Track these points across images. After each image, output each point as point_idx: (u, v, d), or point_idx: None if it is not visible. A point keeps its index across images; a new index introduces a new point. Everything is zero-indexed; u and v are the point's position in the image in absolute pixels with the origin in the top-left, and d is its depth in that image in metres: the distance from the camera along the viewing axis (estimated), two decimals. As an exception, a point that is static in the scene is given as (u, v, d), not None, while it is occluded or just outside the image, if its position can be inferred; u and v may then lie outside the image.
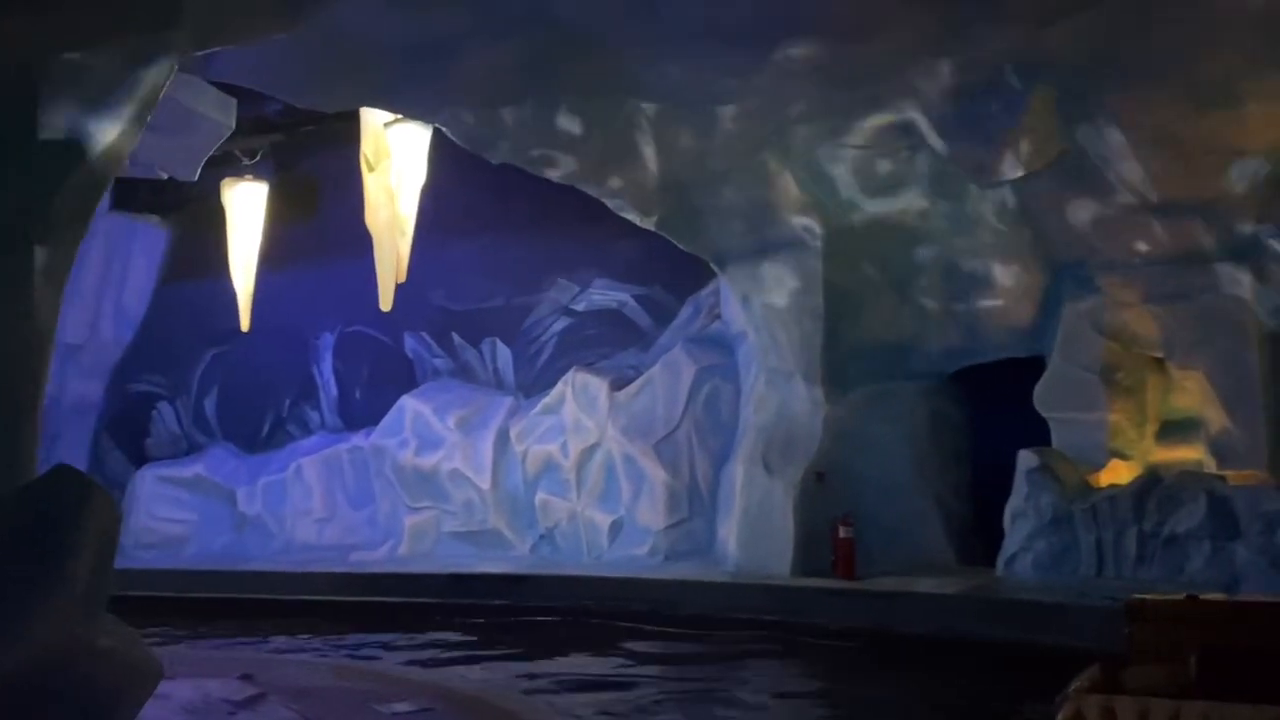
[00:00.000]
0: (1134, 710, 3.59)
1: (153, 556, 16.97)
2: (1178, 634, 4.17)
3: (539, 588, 12.68)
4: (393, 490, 16.06)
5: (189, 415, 19.00)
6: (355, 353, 17.83)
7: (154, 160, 10.14)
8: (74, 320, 18.65)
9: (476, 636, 10.89)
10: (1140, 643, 4.34)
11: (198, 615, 12.74)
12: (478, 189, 16.78)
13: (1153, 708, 3.59)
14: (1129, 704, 3.64)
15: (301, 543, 16.61)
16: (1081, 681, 4.00)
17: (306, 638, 11.16)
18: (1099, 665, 4.15)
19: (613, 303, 16.17)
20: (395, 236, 11.47)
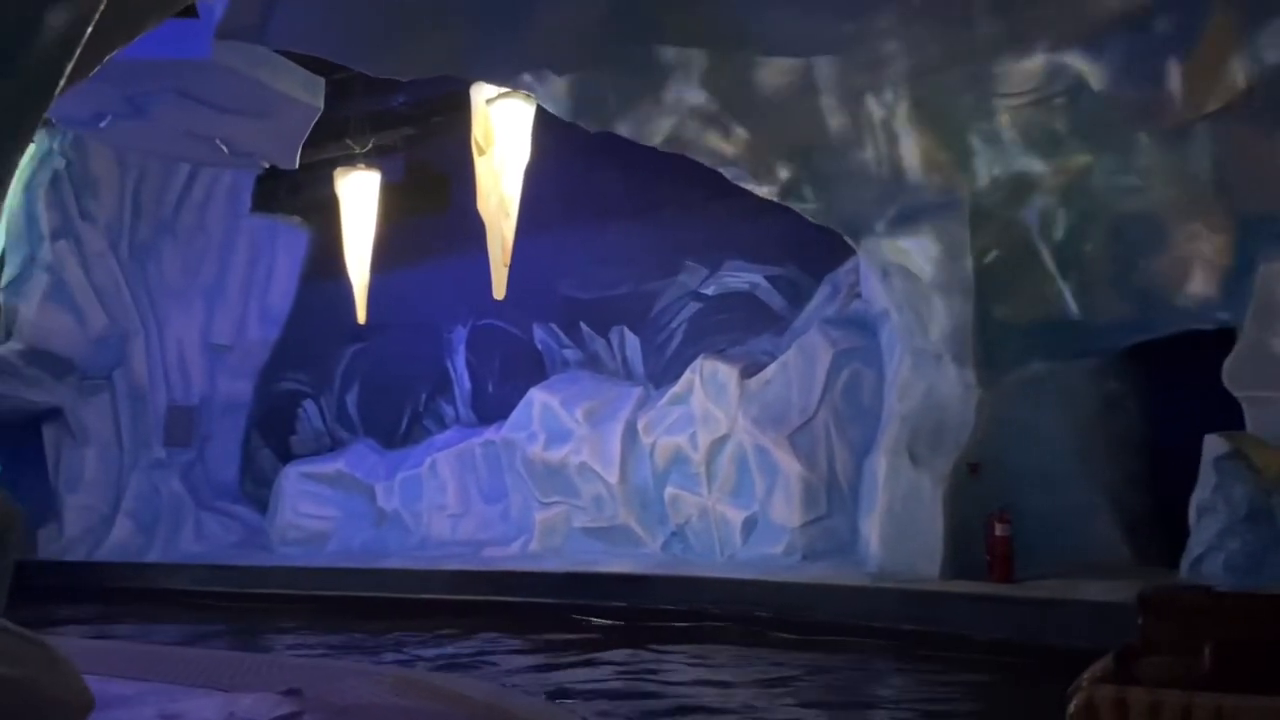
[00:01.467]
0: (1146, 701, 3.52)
1: (297, 553, 17.16)
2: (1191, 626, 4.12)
3: (658, 589, 11.90)
4: (524, 485, 15.61)
5: (332, 412, 19.18)
6: (487, 345, 17.53)
7: (252, 148, 9.96)
8: (222, 322, 19.16)
9: (588, 639, 10.21)
10: (1153, 635, 4.28)
11: (312, 613, 12.59)
12: (603, 175, 16.20)
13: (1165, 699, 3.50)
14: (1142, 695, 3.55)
15: (437, 538, 16.41)
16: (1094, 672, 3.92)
17: (420, 637, 10.77)
18: (1112, 656, 4.09)
19: (744, 285, 15.22)
20: (500, 219, 10.90)
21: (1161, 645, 4.16)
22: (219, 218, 19.01)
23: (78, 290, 17.62)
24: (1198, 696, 3.54)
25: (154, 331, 18.76)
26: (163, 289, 18.81)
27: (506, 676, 8.35)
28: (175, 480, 18.85)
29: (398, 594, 13.50)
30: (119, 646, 7.69)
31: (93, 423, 18.52)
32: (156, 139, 9.67)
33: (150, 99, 8.74)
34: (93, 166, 17.63)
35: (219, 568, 15.97)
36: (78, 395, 18.33)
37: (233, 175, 18.99)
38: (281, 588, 14.71)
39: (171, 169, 18.55)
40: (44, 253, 17.21)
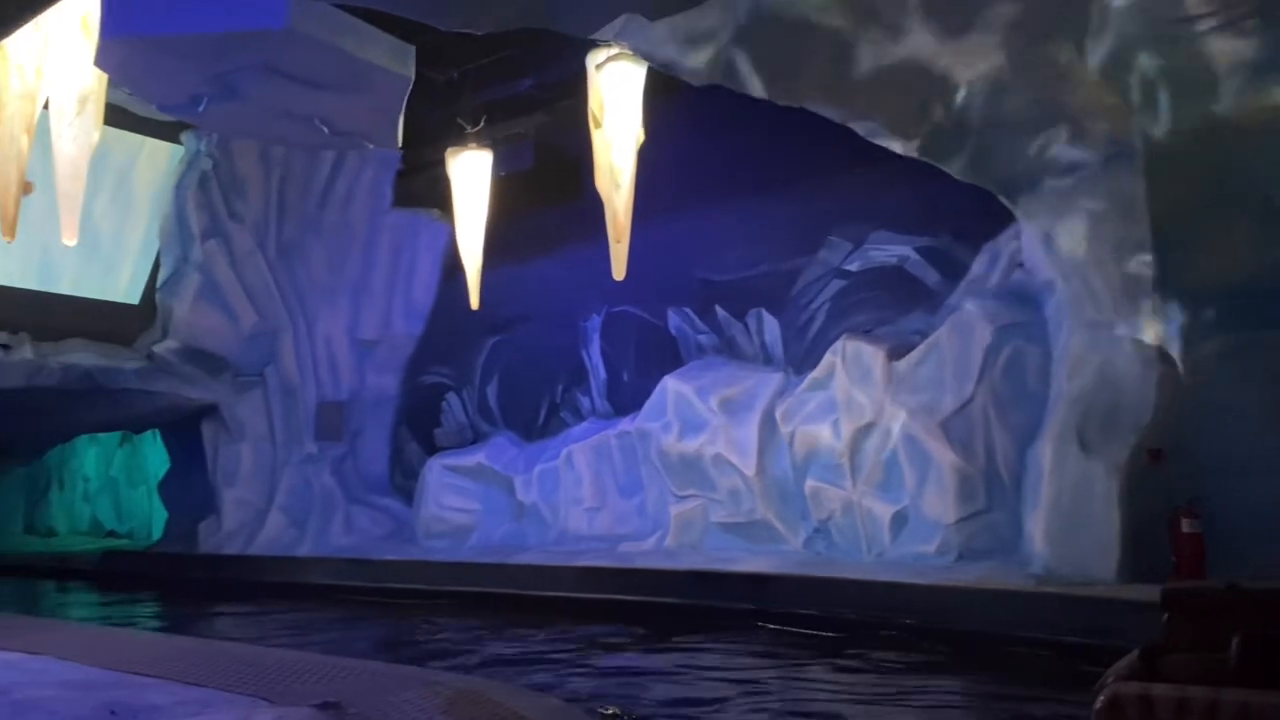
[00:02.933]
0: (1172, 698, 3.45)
1: (441, 546, 17.02)
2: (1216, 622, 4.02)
3: (789, 590, 10.90)
4: (659, 477, 14.87)
5: (473, 404, 18.98)
6: (621, 333, 16.88)
7: (350, 126, 9.58)
8: (368, 318, 19.26)
9: (704, 645, 9.36)
10: (1178, 631, 4.21)
11: (436, 608, 12.23)
12: (736, 147, 15.29)
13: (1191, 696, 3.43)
14: (1167, 691, 3.49)
15: (574, 532, 15.89)
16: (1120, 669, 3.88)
17: (531, 635, 10.18)
18: (1138, 653, 4.03)
19: (892, 258, 13.96)
20: (611, 192, 10.19)
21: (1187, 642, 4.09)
22: (362, 213, 19.11)
23: (228, 289, 18.02)
24: (1224, 693, 3.42)
25: (303, 328, 19.04)
26: (310, 286, 19.06)
27: (602, 686, 7.63)
28: (326, 474, 19.09)
29: (524, 590, 13.03)
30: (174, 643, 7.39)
31: (247, 419, 18.95)
32: (255, 121, 9.43)
33: (239, 77, 8.46)
34: (238, 166, 17.99)
35: (356, 561, 15.95)
36: (232, 392, 18.78)
37: (373, 170, 19.07)
38: (411, 582, 14.52)
39: (314, 167, 18.76)
40: (195, 253, 17.66)
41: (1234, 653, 3.73)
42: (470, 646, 10.26)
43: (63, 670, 6.17)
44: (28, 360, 16.19)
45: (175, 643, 7.65)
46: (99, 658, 6.69)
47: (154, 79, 8.56)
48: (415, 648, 10.70)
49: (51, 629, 8.62)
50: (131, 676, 5.98)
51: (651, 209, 15.78)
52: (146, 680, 5.84)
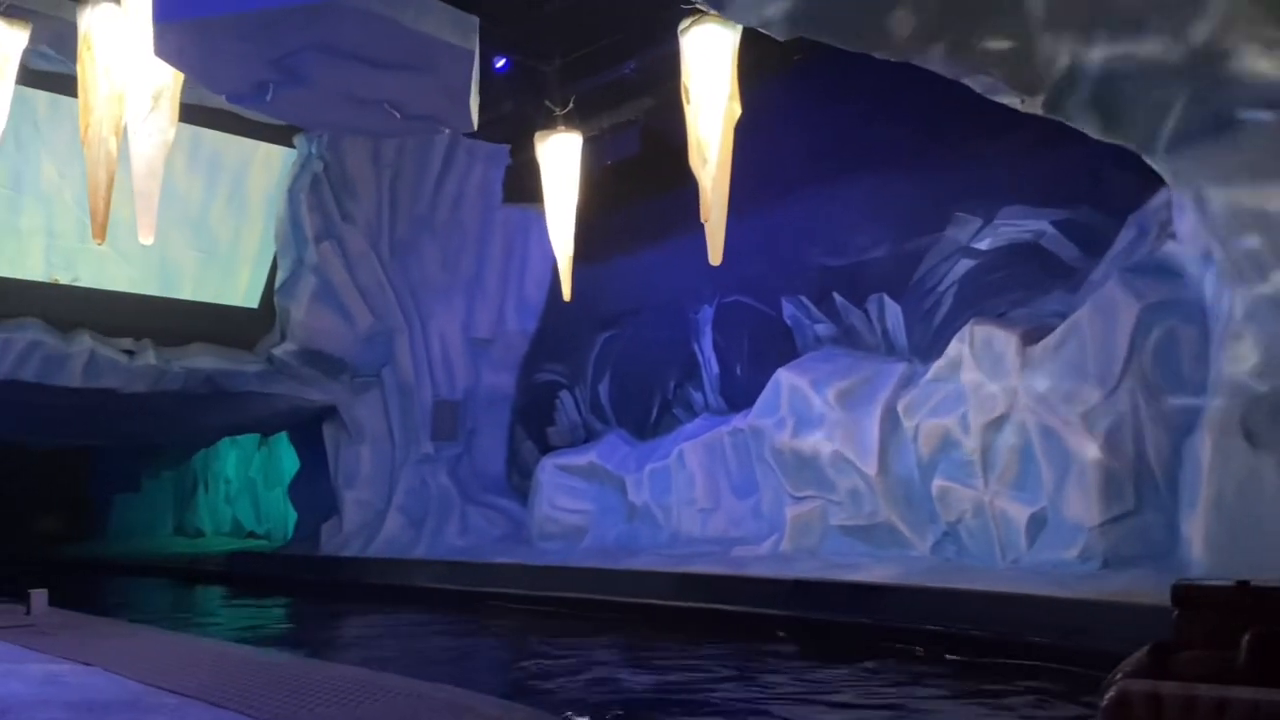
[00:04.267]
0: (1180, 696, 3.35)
1: (555, 548, 16.58)
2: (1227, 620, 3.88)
3: (904, 603, 9.87)
4: (774, 477, 13.98)
5: (586, 402, 18.48)
6: (734, 325, 16.03)
7: (422, 109, 9.09)
8: (481, 316, 19.02)
9: (801, 666, 8.47)
10: (1188, 629, 4.08)
11: (526, 614, 11.68)
12: (852, 124, 14.28)
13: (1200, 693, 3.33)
14: (1176, 689, 3.38)
15: (686, 535, 15.15)
16: (1128, 667, 3.79)
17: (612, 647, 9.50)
18: (1147, 650, 3.92)
19: (1026, 234, 12.69)
20: (698, 167, 9.41)
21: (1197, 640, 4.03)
22: (473, 211, 18.87)
23: (343, 290, 18.02)
24: (1232, 691, 3.36)
25: (417, 328, 18.92)
26: (424, 285, 18.93)
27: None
28: (443, 474, 18.93)
29: (616, 597, 12.37)
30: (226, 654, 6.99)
31: (366, 419, 18.96)
32: (324, 108, 9.04)
33: (299, 61, 8.07)
34: (349, 167, 17.97)
35: (455, 564, 15.64)
36: (350, 393, 18.82)
37: (483, 166, 18.81)
38: (505, 586, 14.09)
39: (424, 165, 18.61)
40: (310, 255, 17.72)
41: (1244, 651, 3.66)
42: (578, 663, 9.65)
43: (93, 686, 5.82)
44: (151, 365, 16.52)
45: (227, 654, 7.29)
46: (143, 670, 6.35)
47: (214, 66, 8.25)
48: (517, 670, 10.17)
49: (125, 635, 8.45)
50: (158, 694, 5.58)
51: (763, 192, 14.94)
52: (168, 700, 5.41)
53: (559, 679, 8.79)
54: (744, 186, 13.76)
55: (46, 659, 6.91)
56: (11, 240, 15.46)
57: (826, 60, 14.30)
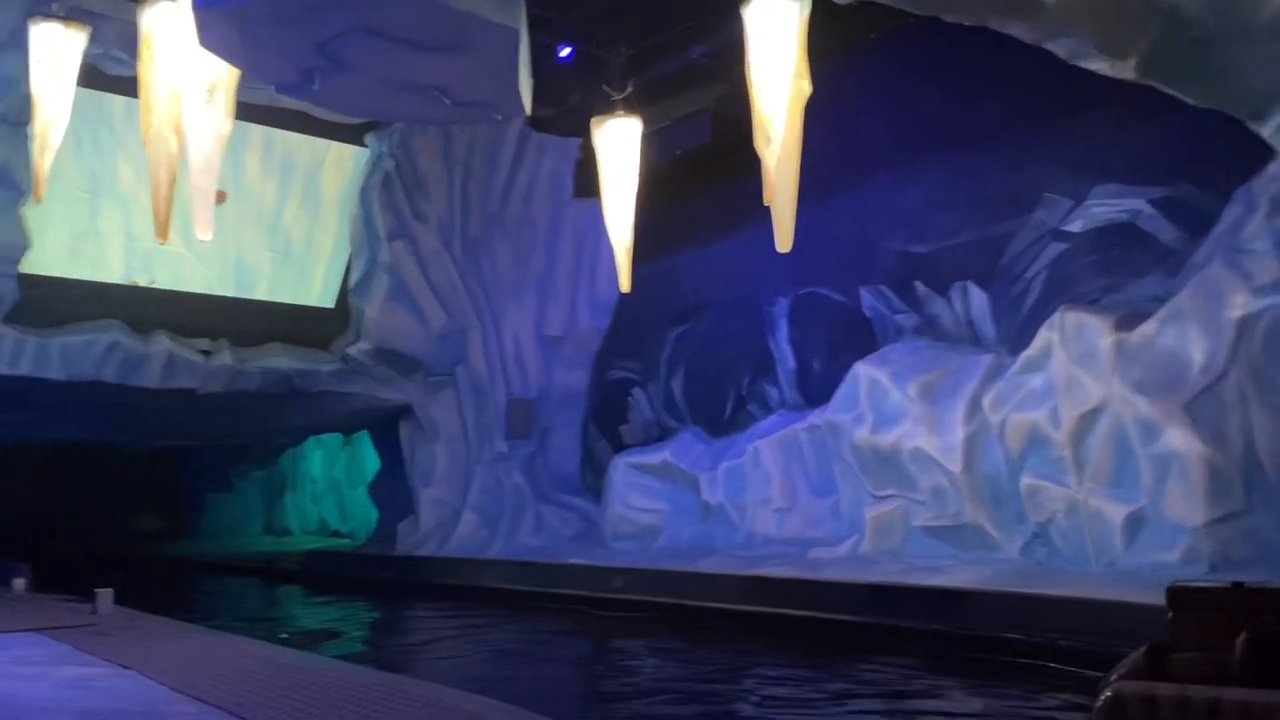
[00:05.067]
0: (1175, 696, 3.37)
1: (628, 548, 16.22)
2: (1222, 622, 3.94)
3: (987, 609, 9.20)
4: (853, 475, 13.37)
5: (659, 399, 18.08)
6: (811, 317, 15.44)
7: (472, 95, 8.78)
8: (554, 313, 18.76)
9: (875, 674, 7.91)
10: (1184, 630, 4.14)
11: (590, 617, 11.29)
12: (932, 104, 13.61)
13: (1193, 694, 3.35)
14: (1170, 690, 3.40)
15: (762, 535, 14.62)
16: (1124, 668, 3.83)
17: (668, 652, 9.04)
18: (1143, 652, 3.98)
19: (1121, 214, 11.87)
20: (762, 146, 8.91)
21: (1191, 641, 4.03)
22: (543, 206, 18.63)
23: (416, 289, 17.94)
24: (1226, 692, 3.32)
25: (490, 326, 18.76)
26: (496, 283, 18.76)
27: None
28: (517, 473, 18.72)
29: (684, 600, 11.92)
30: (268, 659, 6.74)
31: (440, 418, 18.87)
32: (372, 95, 8.79)
33: (342, 45, 7.82)
34: (421, 166, 17.89)
35: (525, 565, 15.36)
36: (425, 392, 18.74)
37: (553, 161, 18.56)
38: (572, 587, 13.73)
39: (494, 162, 18.44)
40: (383, 254, 17.67)
41: (1239, 652, 3.67)
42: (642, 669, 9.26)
43: (118, 691, 5.64)
44: (227, 365, 16.64)
45: (268, 659, 7.06)
46: (177, 675, 6.16)
47: (257, 55, 8.07)
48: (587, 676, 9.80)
49: (178, 637, 8.33)
50: (180, 702, 5.36)
51: (840, 177, 14.36)
52: (188, 709, 5.17)
53: (639, 696, 8.38)
54: (820, 171, 13.21)
55: (88, 661, 6.78)
56: (91, 243, 15.71)
57: (905, 38, 13.70)
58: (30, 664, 6.36)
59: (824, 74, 10.83)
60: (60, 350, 15.23)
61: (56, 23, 9.83)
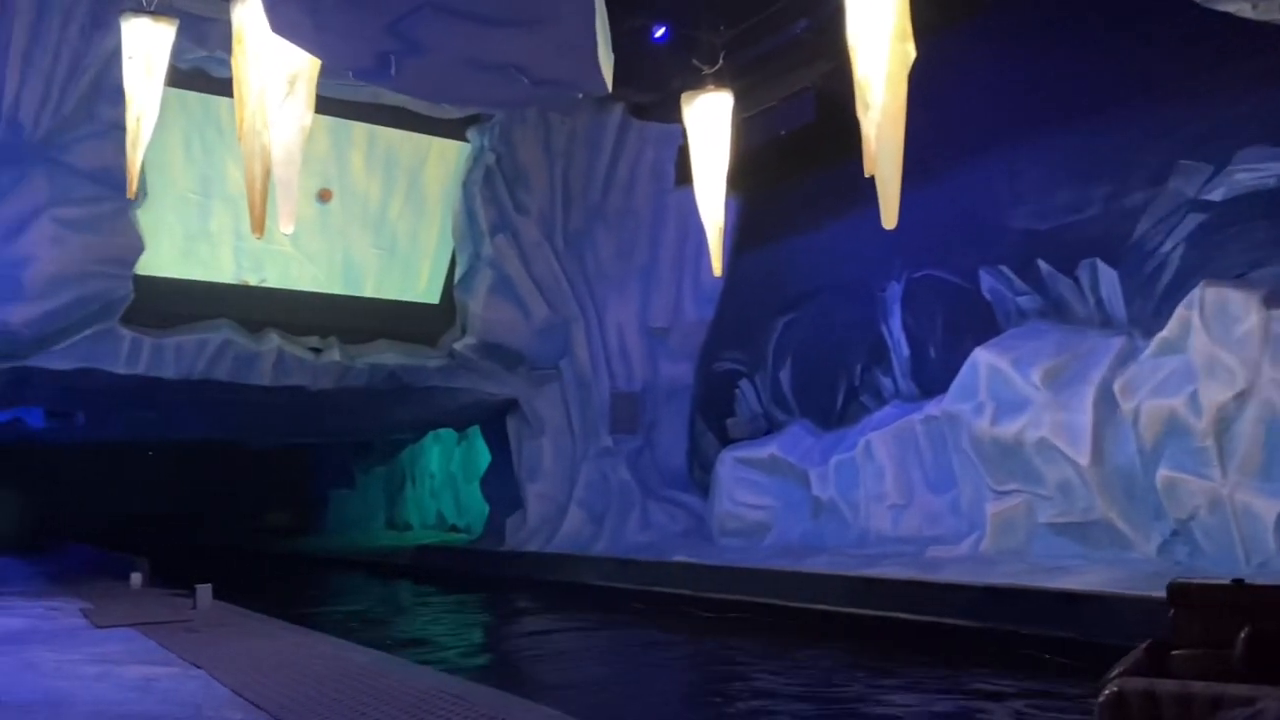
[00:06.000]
0: (1176, 693, 3.38)
1: (736, 545, 15.73)
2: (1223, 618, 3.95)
3: (1111, 614, 8.33)
4: (973, 469, 12.55)
5: (767, 391, 17.46)
6: (926, 301, 14.59)
7: (549, 72, 8.41)
8: (658, 304, 18.38)
9: (998, 688, 7.20)
10: (1185, 627, 4.15)
11: (691, 618, 10.80)
12: (1055, 69, 12.66)
13: (1196, 691, 3.36)
14: (1172, 687, 3.42)
15: (876, 533, 13.91)
16: (1125, 665, 3.82)
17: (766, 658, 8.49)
18: (1144, 648, 4.02)
19: (1269, 180, 10.73)
20: (861, 114, 8.28)
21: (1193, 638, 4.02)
22: (645, 196, 18.23)
23: (519, 283, 17.78)
24: (1227, 688, 3.32)
25: (593, 318, 18.47)
26: (599, 275, 18.46)
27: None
28: (623, 468, 18.39)
29: (788, 602, 11.32)
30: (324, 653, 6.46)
31: (546, 412, 18.68)
32: (448, 78, 8.51)
33: (413, 25, 7.55)
34: (521, 159, 17.70)
35: (624, 562, 14.95)
36: (529, 386, 18.57)
37: (654, 150, 18.13)
38: (672, 586, 13.26)
39: (595, 151, 18.13)
40: (486, 248, 17.57)
41: (1240, 648, 3.67)
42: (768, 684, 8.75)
43: (174, 694, 5.46)
44: (336, 362, 16.76)
45: (342, 660, 6.81)
46: (243, 677, 5.96)
47: (330, 38, 7.87)
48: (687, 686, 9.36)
49: (263, 636, 8.23)
50: (229, 708, 5.11)
51: (955, 150, 13.54)
52: (234, 717, 4.91)
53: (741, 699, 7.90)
54: (934, 146, 12.47)
55: (164, 660, 6.68)
56: (203, 244, 16.03)
57: (1021, 1, 12.82)
58: (104, 662, 6.28)
59: (937, 43, 10.18)
60: (175, 350, 15.56)
61: (146, 17, 9.88)
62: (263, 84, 10.04)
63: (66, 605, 10.43)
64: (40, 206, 13.93)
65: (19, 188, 13.85)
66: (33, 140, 13.97)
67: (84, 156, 14.11)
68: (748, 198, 18.04)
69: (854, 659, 9.17)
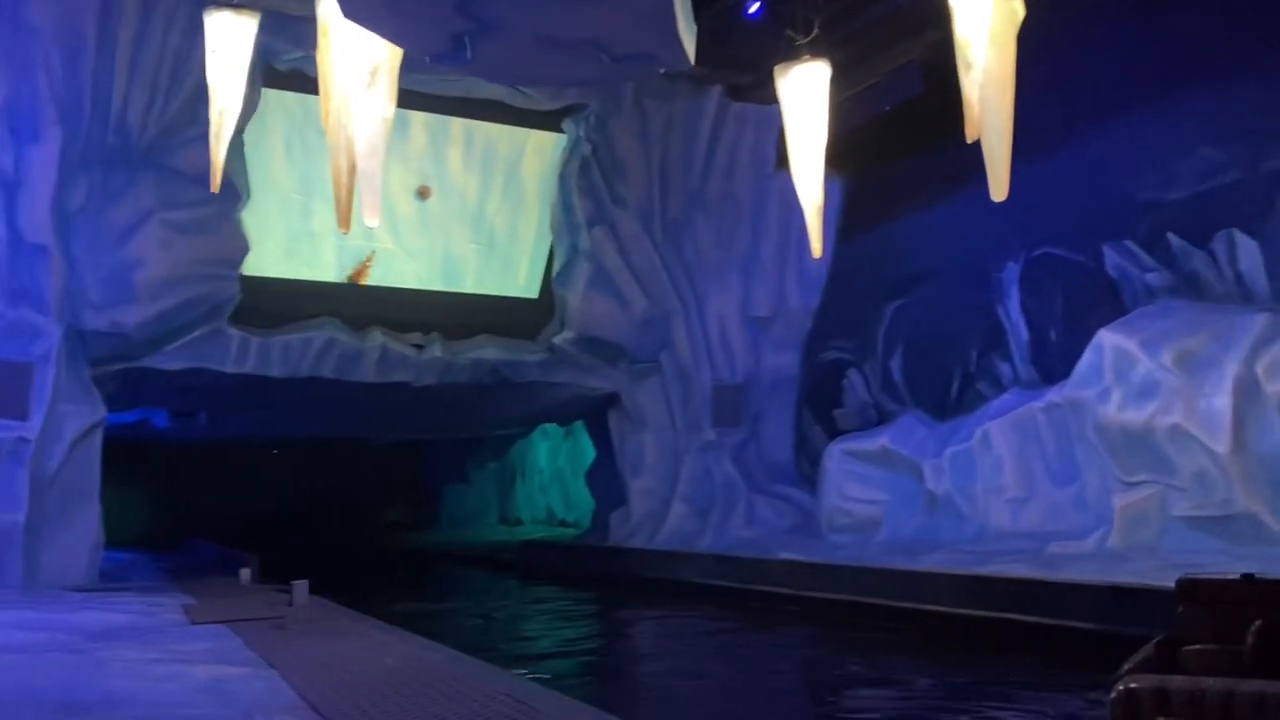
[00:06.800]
0: (1187, 689, 3.34)
1: (846, 541, 15.11)
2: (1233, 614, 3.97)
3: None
4: (1099, 459, 11.70)
5: (877, 380, 16.77)
6: (1046, 281, 13.72)
7: (629, 46, 8.04)
8: (760, 293, 17.89)
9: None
10: (1194, 623, 4.15)
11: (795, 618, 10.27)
12: (1184, 26, 11.69)
13: (1206, 687, 3.32)
14: (1183, 683, 3.38)
15: (995, 528, 13.13)
16: (1135, 661, 3.85)
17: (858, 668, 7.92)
18: (1154, 644, 4.06)
19: None
20: (963, 74, 7.67)
21: (1203, 633, 4.02)
22: (746, 181, 17.71)
23: (618, 275, 17.48)
24: (1240, 684, 3.29)
25: (694, 309, 18.05)
26: (699, 264, 18.03)
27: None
28: (727, 462, 17.93)
29: (895, 602, 10.67)
30: (404, 652, 6.18)
31: (647, 406, 18.35)
32: (525, 57, 8.21)
33: (483, 3, 7.27)
34: (617, 148, 17.40)
35: (725, 559, 14.46)
36: (630, 379, 18.27)
37: (754, 133, 17.59)
38: (777, 585, 12.72)
39: (692, 137, 17.70)
40: (583, 241, 17.33)
41: (1250, 644, 3.64)
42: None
43: (236, 696, 5.32)
44: (438, 358, 16.77)
45: (417, 661, 6.56)
46: (314, 679, 5.78)
47: (404, 23, 7.69)
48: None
49: (350, 635, 8.10)
50: (290, 711, 4.88)
51: (1074, 117, 12.68)
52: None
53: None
54: (1050, 112, 11.68)
55: (241, 660, 6.60)
56: (306, 244, 16.22)
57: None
58: (180, 661, 6.20)
59: (1056, 3, 9.43)
60: (281, 348, 15.77)
61: (228, 11, 9.90)
62: (347, 77, 9.97)
63: (170, 601, 10.57)
64: (148, 211, 14.26)
65: (128, 193, 14.20)
66: (140, 146, 14.32)
67: (189, 160, 14.37)
68: (853, 178, 17.36)
69: (964, 667, 8.55)
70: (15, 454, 12.86)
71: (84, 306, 13.93)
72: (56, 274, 13.50)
